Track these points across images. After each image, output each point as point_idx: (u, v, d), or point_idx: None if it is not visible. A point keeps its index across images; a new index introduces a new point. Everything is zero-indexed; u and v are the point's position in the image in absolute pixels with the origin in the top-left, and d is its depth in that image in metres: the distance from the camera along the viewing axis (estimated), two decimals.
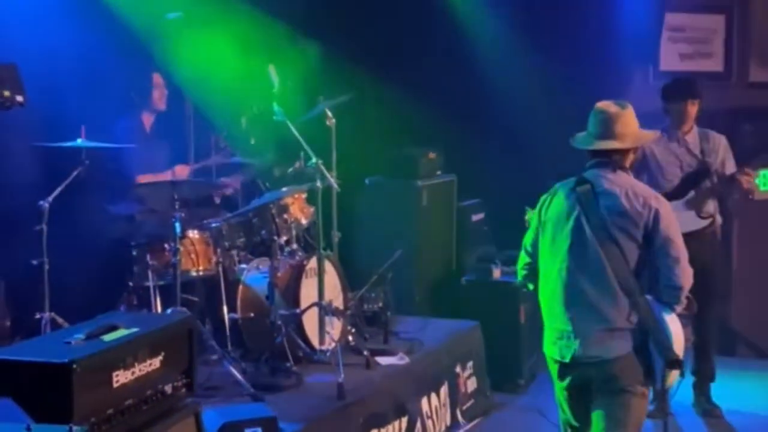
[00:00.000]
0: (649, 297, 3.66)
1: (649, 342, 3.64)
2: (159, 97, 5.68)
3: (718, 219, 5.62)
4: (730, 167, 5.55)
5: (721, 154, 5.56)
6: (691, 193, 5.45)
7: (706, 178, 5.43)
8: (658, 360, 3.59)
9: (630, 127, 3.80)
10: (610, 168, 3.76)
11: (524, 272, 3.99)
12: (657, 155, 5.54)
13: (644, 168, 5.56)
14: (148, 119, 5.73)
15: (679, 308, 3.69)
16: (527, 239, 3.97)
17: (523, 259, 3.99)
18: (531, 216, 4.12)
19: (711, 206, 5.49)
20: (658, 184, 5.40)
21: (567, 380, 3.75)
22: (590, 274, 3.66)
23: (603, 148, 3.77)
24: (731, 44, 8.07)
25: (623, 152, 3.79)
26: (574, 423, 3.80)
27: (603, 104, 3.84)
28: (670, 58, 7.93)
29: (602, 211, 3.66)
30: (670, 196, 5.20)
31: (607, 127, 3.77)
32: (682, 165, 5.47)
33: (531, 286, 3.97)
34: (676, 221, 3.70)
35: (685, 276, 3.65)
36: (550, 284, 3.78)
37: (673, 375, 3.58)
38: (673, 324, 3.64)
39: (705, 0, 7.96)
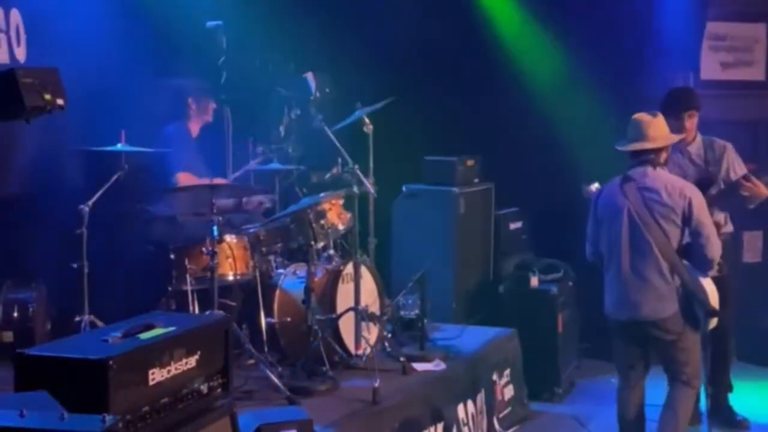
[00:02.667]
0: (687, 264, 4.60)
1: (691, 300, 4.56)
2: (210, 109, 5.78)
3: (729, 227, 5.53)
4: (740, 171, 5.44)
5: (727, 161, 5.47)
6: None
7: (710, 187, 5.33)
8: (700, 311, 4.54)
9: (660, 131, 4.73)
10: (649, 166, 4.68)
11: (591, 256, 4.91)
12: None
13: None
14: (195, 127, 5.79)
15: (711, 273, 4.64)
16: (589, 229, 4.91)
17: (589, 245, 4.91)
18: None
19: (720, 215, 5.38)
20: None
21: (628, 335, 4.77)
22: (642, 254, 4.62)
23: (637, 148, 4.70)
24: None
25: (656, 152, 4.71)
26: (632, 363, 4.82)
27: (637, 115, 4.76)
28: (711, 67, 7.86)
29: (648, 203, 4.61)
30: None
31: (641, 131, 4.70)
32: (686, 175, 5.36)
33: (597, 262, 4.86)
34: (705, 206, 4.63)
35: (715, 249, 4.60)
36: (613, 264, 4.71)
37: (713, 322, 4.57)
38: (708, 285, 4.59)
39: (746, 8, 7.88)
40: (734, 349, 6.03)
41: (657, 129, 4.70)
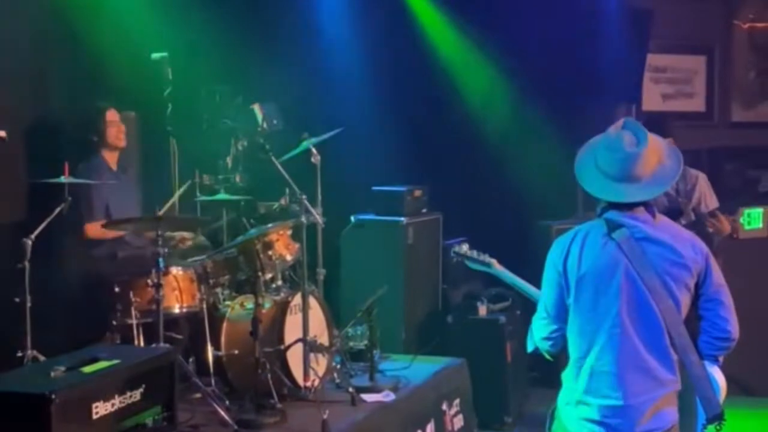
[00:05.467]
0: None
1: (693, 399, 3.25)
2: (116, 134, 5.49)
3: None
4: (711, 204, 5.49)
5: (699, 192, 5.50)
6: None
7: (679, 217, 5.38)
8: (700, 414, 3.27)
9: (653, 166, 3.25)
10: (644, 210, 3.24)
11: (550, 342, 3.33)
12: None
13: None
14: (111, 157, 5.55)
15: (722, 358, 3.31)
16: (549, 300, 3.30)
17: (548, 326, 3.32)
18: (465, 258, 4.25)
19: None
20: None
21: None
22: (645, 335, 3.16)
23: (633, 201, 3.22)
24: (713, 85, 8.18)
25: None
26: None
27: (614, 132, 3.27)
28: (653, 99, 8.03)
29: (654, 261, 3.16)
30: None
31: (636, 167, 3.20)
32: (657, 205, 5.42)
33: (552, 358, 3.40)
34: None
35: (737, 326, 3.26)
36: (597, 351, 3.18)
37: (710, 429, 3.28)
38: (719, 377, 3.29)
39: (686, 41, 8.07)
40: None
41: (650, 163, 3.22)
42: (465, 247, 4.42)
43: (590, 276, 3.19)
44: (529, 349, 3.44)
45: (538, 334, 3.36)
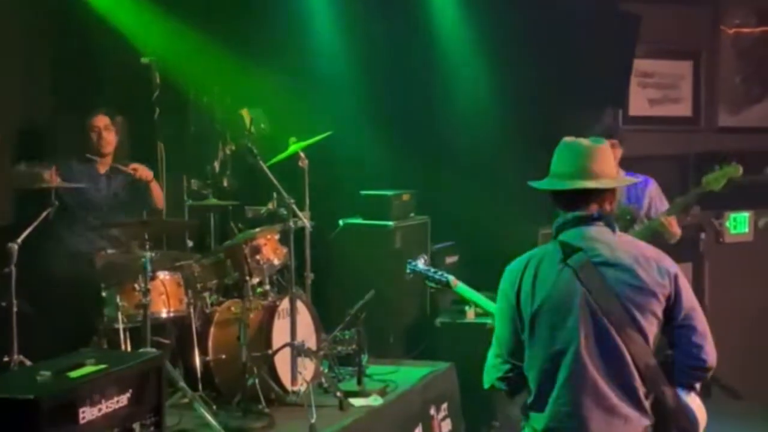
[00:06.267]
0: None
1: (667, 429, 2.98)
2: (97, 141, 5.48)
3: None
4: (662, 208, 5.46)
5: (649, 197, 5.50)
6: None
7: (632, 224, 5.38)
8: None
9: (610, 165, 3.03)
10: (603, 226, 2.96)
11: (505, 383, 3.06)
12: None
13: None
14: (100, 162, 5.54)
15: (698, 385, 3.05)
16: (503, 336, 3.02)
17: (502, 364, 3.04)
18: (421, 273, 4.04)
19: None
20: None
21: None
22: (608, 371, 2.87)
23: (578, 188, 2.94)
24: (699, 90, 8.21)
25: (608, 198, 3.01)
26: None
27: (569, 139, 3.09)
28: (639, 104, 8.05)
29: (615, 288, 2.87)
30: None
31: (582, 162, 2.98)
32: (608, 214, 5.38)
33: (511, 396, 3.13)
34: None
35: (713, 352, 2.97)
36: (555, 390, 2.91)
37: None
38: (696, 406, 3.04)
39: (673, 46, 8.10)
40: None
41: (605, 161, 3.01)
42: (421, 263, 4.23)
43: (545, 310, 2.90)
44: (486, 385, 3.13)
45: (493, 373, 3.08)
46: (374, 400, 5.14)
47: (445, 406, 5.78)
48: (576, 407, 2.88)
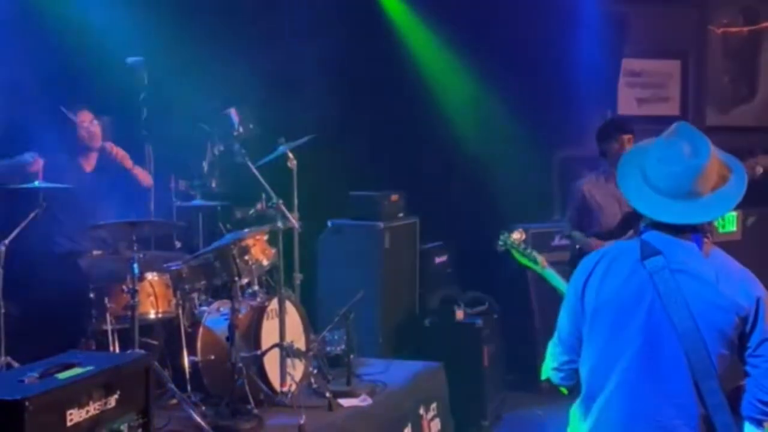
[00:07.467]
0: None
1: None
2: (87, 135, 5.48)
3: None
4: None
5: None
6: (630, 233, 5.45)
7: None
8: None
9: (713, 182, 2.72)
10: (693, 235, 2.71)
11: (561, 374, 2.91)
12: (596, 197, 5.61)
13: (585, 210, 5.63)
14: (86, 159, 5.55)
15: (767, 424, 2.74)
16: (564, 325, 2.87)
17: (560, 354, 2.90)
18: (512, 248, 3.89)
19: None
20: (599, 225, 5.53)
21: None
22: (665, 385, 2.67)
23: (694, 223, 2.69)
24: (687, 89, 8.24)
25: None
26: None
27: (672, 136, 2.75)
28: (628, 103, 8.09)
29: (690, 300, 2.64)
30: (609, 236, 5.23)
31: (692, 183, 2.68)
32: (621, 205, 5.44)
33: (566, 391, 2.96)
34: None
35: None
36: (604, 393, 2.74)
37: None
38: None
39: (661, 45, 8.13)
40: None
41: (710, 178, 2.71)
42: (516, 235, 4.04)
43: (609, 306, 2.73)
44: (543, 376, 2.99)
45: (550, 363, 2.94)
46: (363, 401, 5.13)
47: (434, 405, 5.78)
48: (624, 417, 2.70)
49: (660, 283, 2.65)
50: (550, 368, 2.94)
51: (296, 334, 5.27)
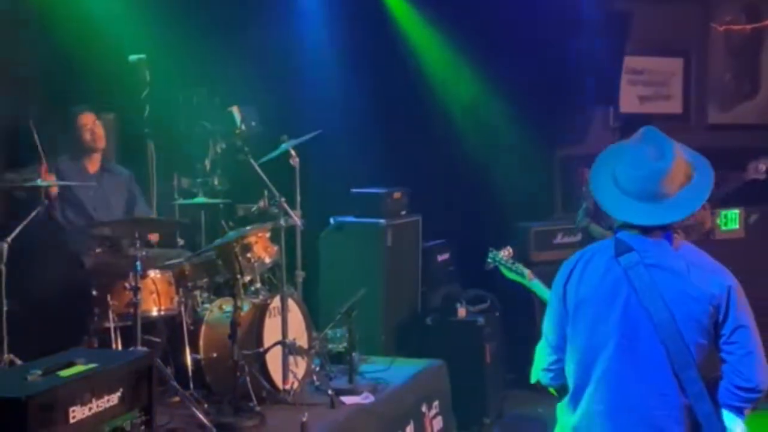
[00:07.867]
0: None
1: None
2: (91, 137, 5.50)
3: None
4: None
5: None
6: None
7: None
8: None
9: (679, 181, 2.84)
10: (663, 232, 2.83)
11: (551, 374, 3.00)
12: None
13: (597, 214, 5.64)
14: (90, 161, 5.57)
15: (748, 411, 2.85)
16: (549, 328, 2.99)
17: (548, 356, 2.99)
18: (501, 265, 4.01)
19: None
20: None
21: None
22: (646, 376, 2.78)
23: (657, 225, 2.82)
24: (689, 87, 8.23)
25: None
26: None
27: (637, 140, 2.87)
28: (630, 101, 8.07)
29: (664, 292, 2.76)
30: None
31: (657, 185, 2.81)
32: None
33: (555, 392, 3.05)
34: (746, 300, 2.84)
35: (764, 374, 2.79)
36: (589, 387, 2.86)
37: None
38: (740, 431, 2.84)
39: (663, 43, 8.12)
40: None
41: (677, 178, 2.83)
42: (504, 254, 4.19)
43: (588, 302, 2.85)
44: (532, 379, 3.09)
45: (539, 364, 3.03)
46: (366, 398, 5.14)
47: (436, 403, 5.79)
48: (608, 407, 2.80)
49: (635, 278, 2.78)
50: (539, 370, 3.03)
51: (298, 331, 5.28)
